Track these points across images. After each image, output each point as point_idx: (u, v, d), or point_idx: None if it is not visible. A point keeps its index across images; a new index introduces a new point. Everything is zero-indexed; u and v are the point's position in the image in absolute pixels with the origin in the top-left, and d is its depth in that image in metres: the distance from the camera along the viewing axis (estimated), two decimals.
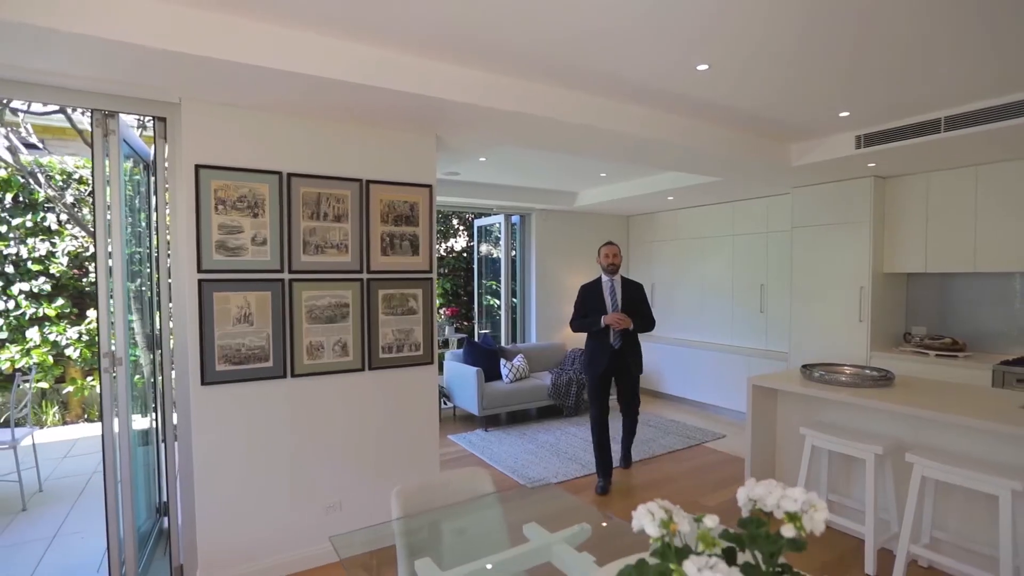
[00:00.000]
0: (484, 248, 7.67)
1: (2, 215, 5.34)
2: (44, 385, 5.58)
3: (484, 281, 7.62)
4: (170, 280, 2.74)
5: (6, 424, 5.31)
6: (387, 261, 3.03)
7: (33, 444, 4.15)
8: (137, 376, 3.10)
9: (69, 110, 4.05)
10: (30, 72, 2.25)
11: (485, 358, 5.68)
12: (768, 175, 4.53)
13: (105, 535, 2.65)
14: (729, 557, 0.96)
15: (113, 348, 2.58)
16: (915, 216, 4.49)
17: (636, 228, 7.44)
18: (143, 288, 3.19)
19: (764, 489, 1.01)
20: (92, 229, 5.15)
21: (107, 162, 2.54)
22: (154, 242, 2.96)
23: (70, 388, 5.77)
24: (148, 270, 3.16)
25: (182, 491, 2.73)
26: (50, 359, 5.55)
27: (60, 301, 5.59)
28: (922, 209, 4.45)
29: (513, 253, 6.99)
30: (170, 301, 2.74)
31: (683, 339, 6.73)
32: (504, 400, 5.46)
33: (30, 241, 5.45)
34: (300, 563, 2.86)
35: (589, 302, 4.02)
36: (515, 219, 6.88)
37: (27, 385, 4.08)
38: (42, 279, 5.48)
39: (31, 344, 5.45)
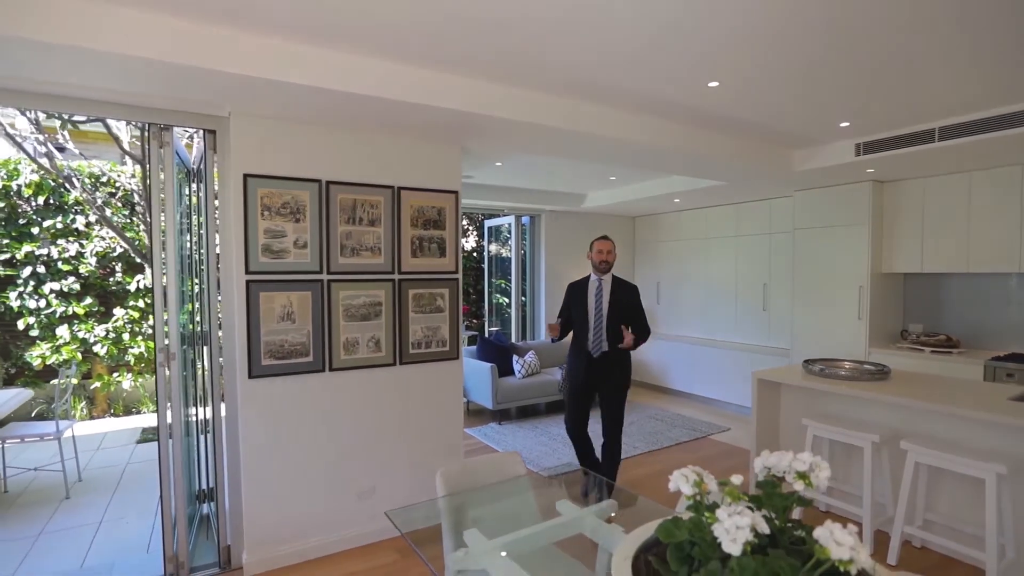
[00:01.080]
0: (493, 247, 7.88)
1: (34, 217, 5.55)
2: (73, 381, 5.78)
3: (493, 280, 7.83)
4: (219, 278, 2.95)
5: (39, 417, 5.53)
6: (417, 263, 3.24)
7: (73, 436, 4.36)
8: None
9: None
10: (97, 91, 2.45)
11: (498, 354, 5.89)
12: (772, 179, 4.74)
13: (160, 518, 2.87)
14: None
15: (167, 343, 2.79)
16: (912, 219, 4.70)
17: (642, 228, 7.65)
18: (182, 289, 3.39)
19: (777, 458, 1.22)
20: (121, 230, 5.37)
21: (162, 172, 2.75)
22: (201, 245, 3.16)
23: (97, 384, 5.98)
24: (197, 270, 3.37)
25: (229, 477, 2.94)
26: (79, 356, 5.76)
27: (88, 300, 5.79)
28: (918, 212, 4.66)
29: (523, 252, 7.19)
30: (219, 299, 2.93)
31: (688, 336, 6.94)
32: (517, 395, 5.68)
33: (60, 242, 5.64)
34: (337, 544, 3.07)
35: (573, 303, 3.56)
36: (525, 219, 7.09)
37: (69, 378, 4.28)
38: (71, 279, 5.69)
39: (61, 341, 5.66)
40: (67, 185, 5.18)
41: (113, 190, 5.93)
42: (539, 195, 6.36)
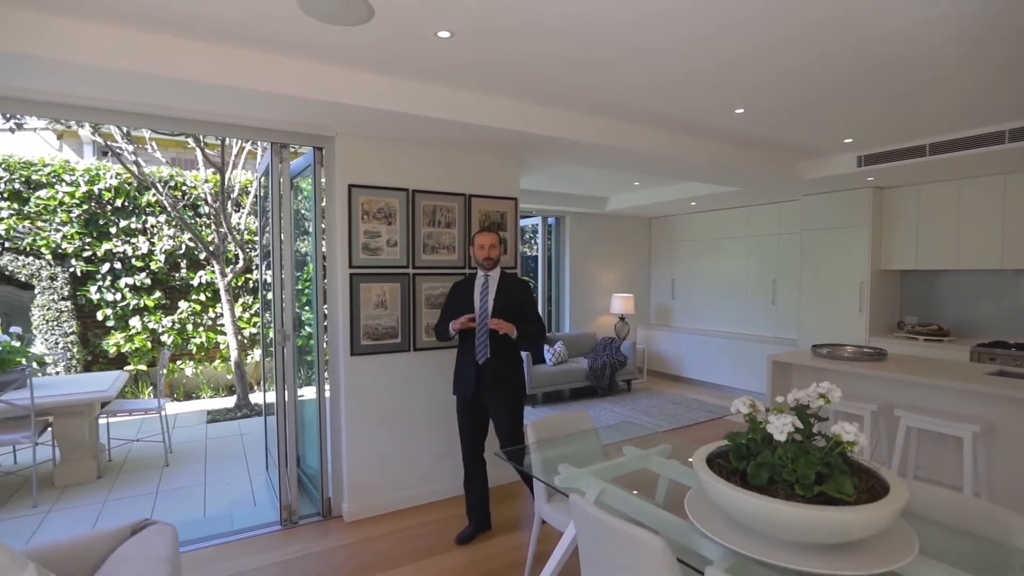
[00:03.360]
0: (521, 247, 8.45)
1: (112, 218, 6.11)
2: (143, 367, 6.36)
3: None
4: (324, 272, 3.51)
5: (120, 397, 6.08)
6: None
7: (164, 414, 4.91)
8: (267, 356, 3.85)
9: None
10: (234, 117, 3.00)
11: (531, 343, 6.45)
12: (782, 186, 5.29)
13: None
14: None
15: (284, 327, 3.35)
16: (907, 221, 5.26)
17: (658, 229, 8.21)
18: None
19: (803, 392, 1.78)
20: (197, 231, 5.91)
21: (280, 181, 3.31)
22: (308, 243, 3.71)
23: (164, 371, 6.54)
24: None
25: (331, 440, 3.50)
26: (148, 344, 6.32)
27: (157, 294, 6.36)
28: (913, 215, 5.22)
29: (548, 251, 7.75)
30: (324, 290, 3.49)
31: (701, 329, 7.51)
32: (549, 380, 6.24)
33: (134, 241, 6.20)
34: (417, 498, 3.63)
35: (456, 303, 3.13)
36: (551, 220, 7.65)
37: (166, 359, 4.84)
38: (143, 274, 6.25)
39: (133, 331, 6.22)
40: (155, 189, 5.73)
41: (180, 194, 6.48)
42: (565, 198, 6.92)
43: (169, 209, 5.94)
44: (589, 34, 2.32)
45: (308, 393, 3.68)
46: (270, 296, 4.24)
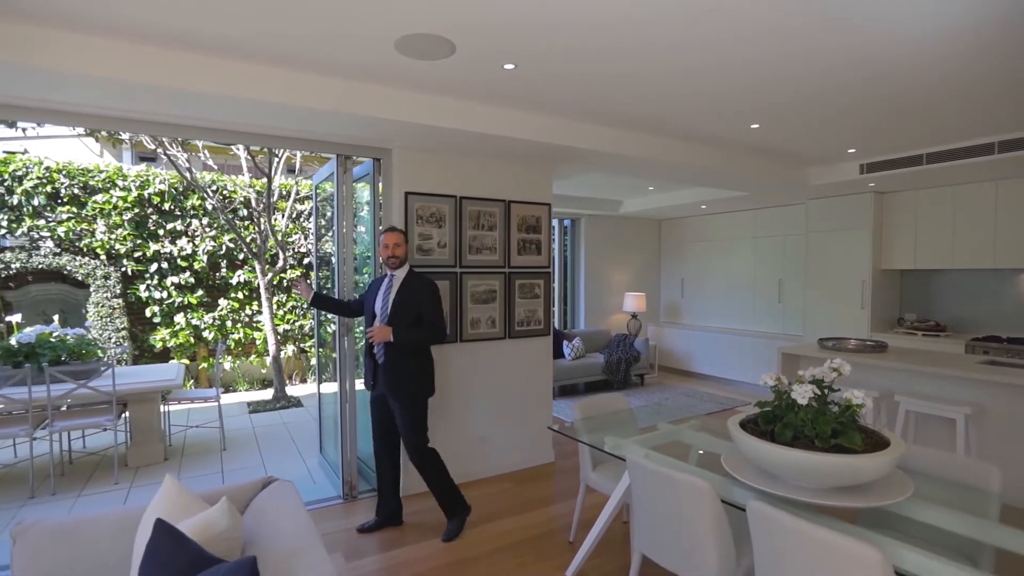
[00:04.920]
0: None
1: (159, 220, 6.50)
2: (185, 361, 6.74)
3: None
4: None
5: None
6: (521, 259, 4.18)
7: (220, 402, 5.30)
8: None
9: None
10: (312, 132, 3.39)
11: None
12: (789, 190, 5.68)
13: (338, 456, 3.81)
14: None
15: (346, 320, 3.73)
16: (907, 224, 5.64)
17: (667, 230, 8.60)
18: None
19: (818, 369, 2.16)
20: (243, 233, 6.29)
21: (344, 189, 3.70)
22: (368, 245, 4.09)
23: (204, 364, 6.93)
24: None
25: None
26: (191, 340, 6.71)
27: (199, 292, 6.74)
28: (912, 218, 5.60)
29: (564, 252, 8.14)
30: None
31: (710, 326, 7.90)
32: (568, 374, 6.62)
33: (178, 242, 6.59)
34: (465, 476, 4.00)
35: (367, 298, 3.26)
36: (567, 222, 8.04)
37: (221, 351, 5.22)
38: (187, 273, 6.63)
39: (178, 327, 6.61)
40: (205, 194, 6.12)
41: (221, 197, 6.87)
42: (580, 201, 7.30)
43: (218, 212, 6.33)
44: (631, 59, 2.70)
45: (358, 384, 4.06)
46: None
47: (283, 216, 6.75)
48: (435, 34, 2.31)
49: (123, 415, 4.42)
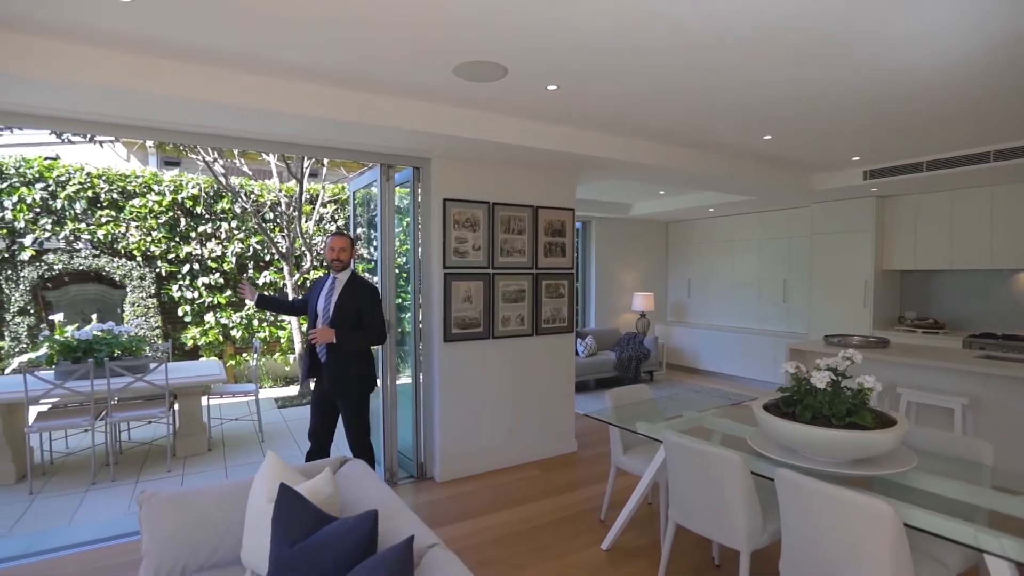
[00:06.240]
0: None
1: (191, 223, 6.77)
2: (214, 358, 7.01)
3: None
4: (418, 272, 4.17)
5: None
6: (547, 261, 4.47)
7: (258, 397, 5.57)
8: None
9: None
10: (359, 144, 3.67)
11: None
12: (795, 195, 5.97)
13: (382, 445, 4.09)
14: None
15: (388, 317, 4.01)
16: (907, 227, 5.94)
17: (674, 232, 8.89)
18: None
19: (832, 359, 2.45)
20: (272, 235, 6.56)
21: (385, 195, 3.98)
22: (406, 247, 4.37)
23: (231, 362, 7.21)
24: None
25: (425, 414, 4.16)
26: (220, 338, 6.98)
27: (228, 292, 7.02)
28: (912, 221, 5.90)
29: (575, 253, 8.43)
30: (419, 287, 4.15)
31: (716, 325, 8.19)
32: (582, 371, 6.90)
33: (209, 244, 6.87)
34: (496, 463, 4.29)
35: (309, 299, 3.38)
36: (578, 225, 8.32)
37: (258, 349, 5.49)
38: (216, 274, 6.91)
39: (208, 326, 6.88)
40: (240, 199, 6.40)
41: (253, 201, 7.15)
42: (591, 204, 7.58)
43: (250, 215, 6.61)
44: (658, 79, 2.99)
45: (401, 379, 4.34)
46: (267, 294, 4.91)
47: (309, 219, 7.02)
48: (492, 61, 2.60)
49: (171, 408, 4.69)
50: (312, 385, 3.43)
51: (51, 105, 2.76)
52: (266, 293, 3.88)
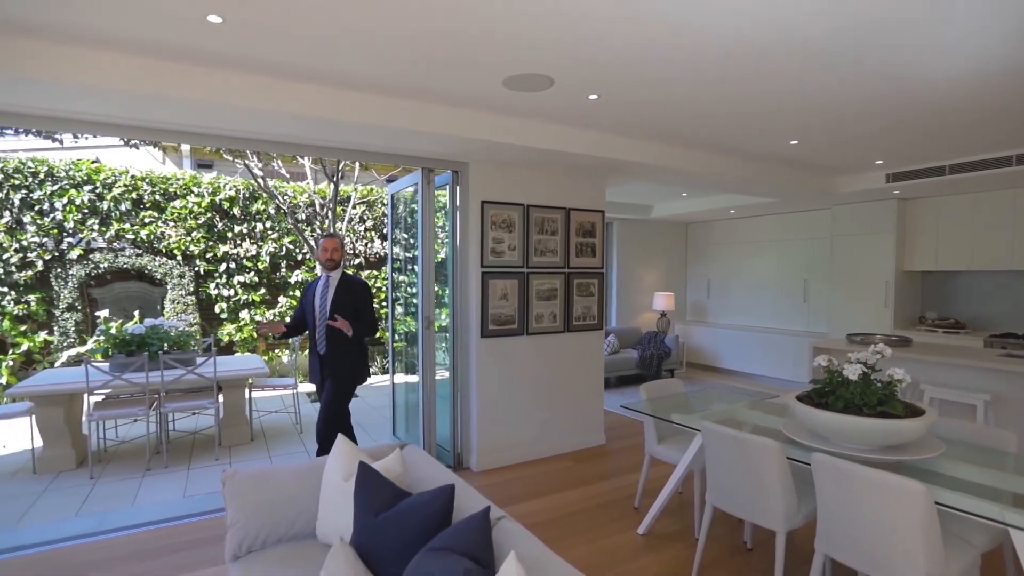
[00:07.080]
0: None
1: (227, 224, 7.02)
2: (248, 354, 7.25)
3: None
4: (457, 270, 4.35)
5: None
6: (578, 261, 4.64)
7: (297, 391, 5.78)
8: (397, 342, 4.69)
9: None
10: (404, 149, 3.86)
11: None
12: (817, 197, 6.09)
13: (420, 435, 4.28)
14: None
15: (427, 313, 4.20)
16: (928, 228, 6.04)
17: (694, 233, 9.02)
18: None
19: (863, 353, 2.60)
20: (305, 235, 6.79)
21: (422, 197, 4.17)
22: (443, 247, 4.57)
23: (265, 358, 7.44)
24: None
25: (462, 405, 4.35)
26: (254, 335, 7.22)
27: (262, 290, 7.26)
28: (934, 223, 5.99)
29: None
30: (456, 285, 4.33)
31: (736, 324, 8.31)
32: (605, 368, 7.04)
33: (244, 244, 7.12)
34: (530, 454, 4.47)
35: (304, 300, 3.65)
36: None
37: (298, 344, 5.71)
38: (251, 273, 7.15)
39: (242, 323, 7.12)
40: (277, 200, 6.65)
41: (288, 202, 7.39)
42: (614, 206, 7.72)
43: (285, 216, 6.85)
44: (692, 87, 3.15)
45: (439, 374, 4.52)
46: (396, 294, 5.12)
47: (340, 220, 7.24)
48: (540, 73, 2.77)
49: (218, 399, 4.92)
50: (316, 388, 3.73)
51: (127, 115, 2.98)
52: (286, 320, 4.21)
